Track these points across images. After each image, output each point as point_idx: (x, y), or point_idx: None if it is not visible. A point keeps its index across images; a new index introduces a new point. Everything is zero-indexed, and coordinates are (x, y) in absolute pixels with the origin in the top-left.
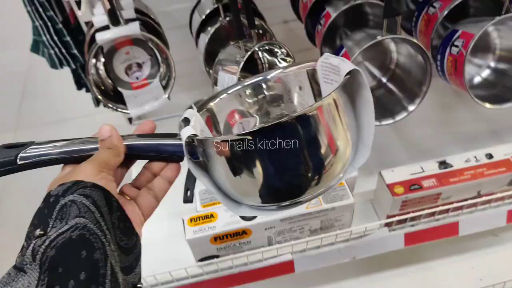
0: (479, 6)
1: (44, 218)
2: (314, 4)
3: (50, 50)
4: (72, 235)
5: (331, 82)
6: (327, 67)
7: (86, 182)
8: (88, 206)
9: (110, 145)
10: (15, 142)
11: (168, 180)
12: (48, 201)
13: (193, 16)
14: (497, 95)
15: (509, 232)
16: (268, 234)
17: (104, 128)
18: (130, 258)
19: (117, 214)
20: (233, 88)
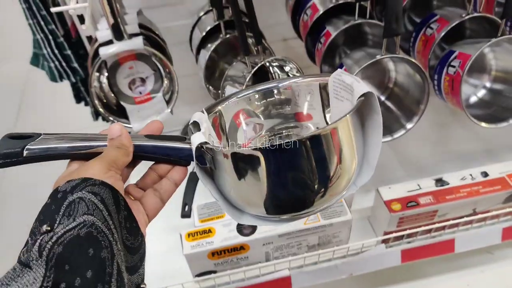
0: (475, 28)
1: (51, 214)
2: (314, 23)
3: (51, 63)
4: (80, 233)
5: (341, 99)
6: (339, 83)
7: (95, 179)
8: (97, 204)
9: (120, 144)
10: (22, 132)
11: (175, 182)
12: (56, 197)
13: (194, 33)
14: (492, 115)
15: (503, 250)
16: (266, 250)
17: (114, 127)
18: (135, 258)
19: (124, 213)
20: (244, 92)
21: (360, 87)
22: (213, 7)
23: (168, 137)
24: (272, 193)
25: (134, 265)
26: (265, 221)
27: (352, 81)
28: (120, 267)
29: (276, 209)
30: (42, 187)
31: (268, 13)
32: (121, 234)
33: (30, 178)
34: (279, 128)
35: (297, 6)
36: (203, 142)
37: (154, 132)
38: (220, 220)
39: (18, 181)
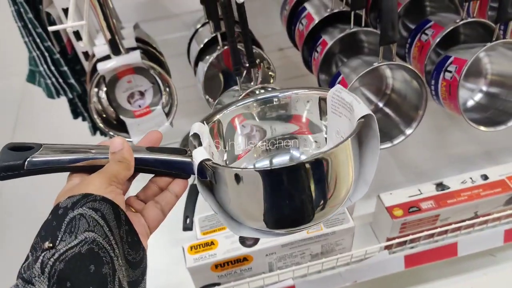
0: (468, 32)
1: (52, 231)
2: (310, 32)
3: (47, 80)
4: (81, 250)
5: (339, 115)
6: (338, 100)
7: (95, 195)
8: (97, 220)
9: (121, 158)
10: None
11: (176, 194)
12: (57, 213)
13: (191, 45)
14: (490, 118)
15: (506, 252)
16: (269, 260)
17: (116, 141)
18: (136, 272)
19: (125, 228)
20: (243, 101)
21: (360, 108)
22: (210, 19)
23: (169, 149)
24: (271, 211)
25: (136, 280)
26: (263, 234)
27: (352, 100)
28: (122, 283)
29: (274, 225)
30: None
31: (264, 24)
32: (123, 249)
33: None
34: (277, 138)
35: (292, 16)
36: (206, 159)
37: (153, 142)
38: (222, 232)
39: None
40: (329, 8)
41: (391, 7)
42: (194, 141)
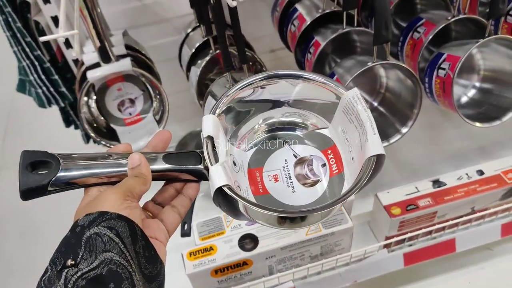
0: (459, 29)
1: (72, 248)
2: (302, 33)
3: (38, 89)
4: (102, 272)
5: (349, 119)
6: (352, 109)
7: (111, 213)
8: (112, 238)
9: (138, 174)
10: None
11: (190, 197)
12: (75, 231)
13: (182, 50)
14: (484, 113)
15: (502, 245)
16: (269, 263)
17: (134, 157)
18: (153, 286)
19: (142, 243)
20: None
21: (373, 141)
22: (201, 23)
23: (184, 155)
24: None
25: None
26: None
27: (366, 120)
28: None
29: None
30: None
31: (255, 25)
32: (139, 264)
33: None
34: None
35: (284, 18)
36: (224, 185)
37: (164, 141)
38: (221, 236)
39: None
40: (320, 8)
41: (384, 6)
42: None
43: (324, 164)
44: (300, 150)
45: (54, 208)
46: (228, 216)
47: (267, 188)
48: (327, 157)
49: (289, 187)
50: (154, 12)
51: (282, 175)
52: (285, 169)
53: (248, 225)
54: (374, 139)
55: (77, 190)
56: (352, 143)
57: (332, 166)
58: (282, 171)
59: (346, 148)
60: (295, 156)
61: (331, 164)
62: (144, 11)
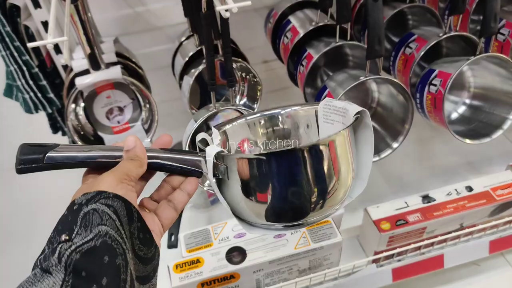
0: (450, 46)
1: (68, 225)
2: (295, 46)
3: (25, 94)
4: (96, 243)
5: (331, 122)
6: (329, 108)
7: (108, 192)
8: (110, 214)
9: (134, 156)
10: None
11: (188, 192)
12: (72, 209)
13: (175, 59)
14: (474, 130)
15: (489, 261)
16: (257, 277)
17: (129, 139)
18: (148, 268)
19: (138, 224)
20: (251, 116)
21: (354, 107)
22: (195, 32)
23: (181, 150)
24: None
25: (147, 275)
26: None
27: (345, 104)
28: (133, 275)
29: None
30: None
31: (248, 36)
32: (133, 244)
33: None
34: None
35: (277, 29)
36: (220, 151)
37: (164, 145)
38: (209, 249)
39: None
40: (313, 21)
41: (377, 22)
42: (203, 145)
43: None
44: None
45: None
46: (216, 228)
47: None
48: None
49: None
50: (147, 20)
51: None
52: None
53: (237, 237)
54: (352, 106)
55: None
56: None
57: None
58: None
59: None
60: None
61: None
62: (136, 19)
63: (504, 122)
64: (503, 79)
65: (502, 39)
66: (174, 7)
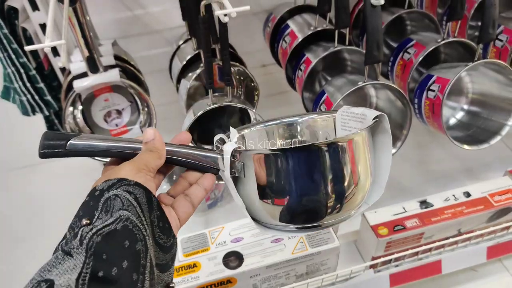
0: (449, 51)
1: (89, 210)
2: (293, 50)
3: (22, 97)
4: (117, 227)
5: (349, 129)
6: (347, 115)
7: (129, 180)
8: (131, 201)
9: (152, 148)
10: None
11: (205, 188)
12: (94, 195)
13: (173, 62)
14: (472, 136)
15: (487, 267)
16: (254, 282)
17: (148, 131)
18: (167, 256)
19: (157, 213)
20: (270, 122)
21: (372, 112)
22: (192, 36)
23: (199, 147)
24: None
25: (166, 264)
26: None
27: (363, 110)
28: (152, 261)
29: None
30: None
31: (246, 40)
32: (153, 232)
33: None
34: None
35: (275, 34)
36: (237, 147)
37: (183, 142)
38: (205, 253)
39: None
40: (312, 26)
41: (376, 27)
42: (220, 143)
43: None
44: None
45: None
46: (213, 232)
47: None
48: None
49: None
50: (145, 23)
51: None
52: None
53: (234, 242)
54: (370, 111)
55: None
56: None
57: None
58: None
59: None
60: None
61: None
62: (135, 22)
63: (502, 128)
64: (501, 85)
65: (500, 45)
66: (172, 10)
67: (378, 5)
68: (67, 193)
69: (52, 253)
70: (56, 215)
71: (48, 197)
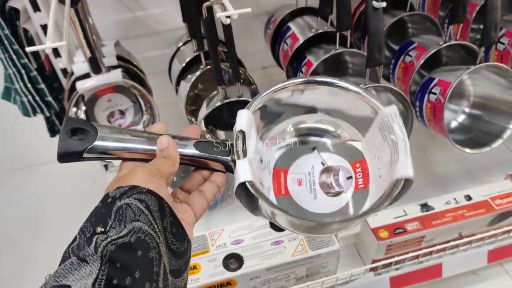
0: (450, 54)
1: (103, 217)
2: (294, 52)
3: (23, 97)
4: (130, 239)
5: (383, 137)
6: (388, 126)
7: (141, 187)
8: (142, 210)
9: (167, 155)
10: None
11: (217, 184)
12: (106, 202)
13: (173, 64)
14: (473, 139)
15: (488, 270)
16: (253, 284)
17: (163, 139)
18: (180, 262)
19: (170, 219)
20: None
21: (403, 164)
22: (193, 37)
23: (215, 145)
24: None
25: (179, 269)
26: None
27: (401, 140)
28: (166, 268)
29: None
30: None
31: (247, 42)
32: (166, 239)
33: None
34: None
35: (276, 36)
36: (249, 180)
37: (192, 135)
38: (205, 255)
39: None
40: (313, 28)
41: (378, 29)
42: (239, 138)
43: (350, 176)
44: (328, 158)
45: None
46: (213, 234)
47: (289, 190)
48: (354, 170)
49: (312, 193)
50: (146, 24)
51: (306, 180)
52: (310, 175)
53: (234, 244)
54: (405, 161)
55: None
56: (382, 160)
57: (358, 180)
58: (307, 176)
59: (375, 164)
60: (323, 163)
61: (357, 177)
62: (136, 23)
63: (504, 131)
64: (503, 89)
65: (502, 48)
66: (173, 12)
67: (380, 8)
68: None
69: (62, 255)
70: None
71: (48, 198)
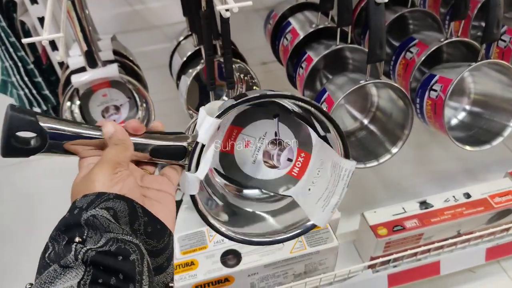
0: (451, 51)
1: (74, 227)
2: (294, 48)
3: (20, 91)
4: (110, 248)
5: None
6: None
7: (108, 194)
8: (110, 220)
9: (117, 141)
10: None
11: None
12: (73, 213)
13: (173, 58)
14: (474, 136)
15: (485, 268)
16: (251, 281)
17: (107, 125)
18: (159, 259)
19: (144, 219)
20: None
21: (324, 213)
22: (193, 32)
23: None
24: None
25: (159, 266)
26: None
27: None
28: (150, 265)
29: None
30: None
31: (247, 37)
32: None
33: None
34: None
35: (276, 31)
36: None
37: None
38: (203, 251)
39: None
40: (314, 23)
41: (379, 25)
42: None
43: (291, 159)
44: (283, 131)
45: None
46: (211, 230)
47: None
48: (297, 157)
49: (252, 157)
50: (145, 18)
51: (253, 144)
52: (259, 140)
53: None
54: (327, 212)
55: None
56: (318, 181)
57: (295, 168)
58: (256, 140)
59: (314, 173)
60: (276, 134)
61: (296, 165)
62: (134, 17)
63: (504, 129)
64: (504, 86)
65: (504, 46)
66: (173, 6)
67: (382, 3)
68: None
69: (39, 263)
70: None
71: (40, 193)
